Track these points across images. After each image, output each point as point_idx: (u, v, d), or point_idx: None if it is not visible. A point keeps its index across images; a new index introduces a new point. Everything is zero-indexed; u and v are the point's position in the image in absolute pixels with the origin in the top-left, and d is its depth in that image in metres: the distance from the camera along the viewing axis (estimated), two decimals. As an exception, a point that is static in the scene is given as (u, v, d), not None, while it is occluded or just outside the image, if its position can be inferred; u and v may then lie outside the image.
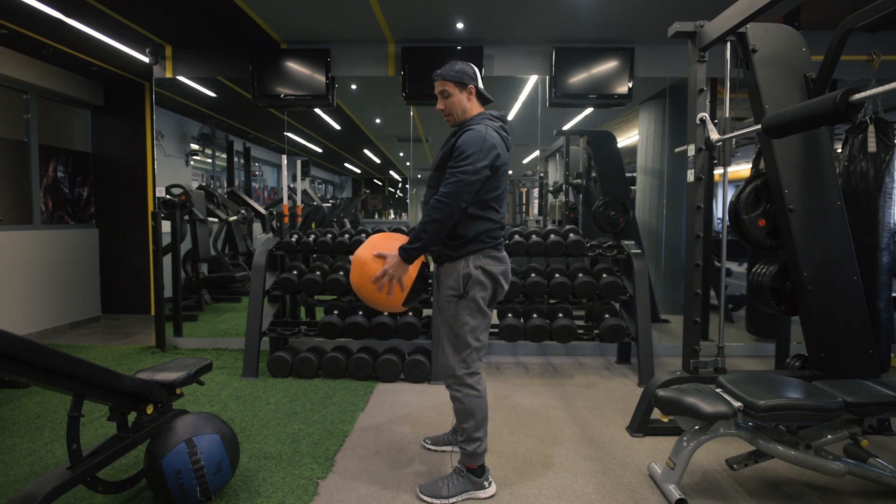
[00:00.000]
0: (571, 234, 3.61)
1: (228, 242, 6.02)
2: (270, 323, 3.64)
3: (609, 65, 3.97)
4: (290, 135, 4.81)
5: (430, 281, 2.10)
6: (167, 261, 4.30)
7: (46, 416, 2.77)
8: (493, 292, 1.98)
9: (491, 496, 2.00)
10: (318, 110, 4.95)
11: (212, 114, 5.64)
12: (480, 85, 2.02)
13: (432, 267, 2.18)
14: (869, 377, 2.14)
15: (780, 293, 2.54)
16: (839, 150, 2.64)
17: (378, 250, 1.92)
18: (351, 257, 2.00)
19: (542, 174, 6.25)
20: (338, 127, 6.48)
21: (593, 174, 4.95)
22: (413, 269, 1.93)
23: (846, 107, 1.70)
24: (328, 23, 3.78)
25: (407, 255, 1.87)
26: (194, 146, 5.82)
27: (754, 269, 2.65)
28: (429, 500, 1.96)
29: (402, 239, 1.96)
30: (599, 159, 4.95)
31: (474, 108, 2.03)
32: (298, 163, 6.23)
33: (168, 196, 4.40)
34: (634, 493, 2.04)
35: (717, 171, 2.77)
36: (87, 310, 5.09)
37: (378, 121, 6.45)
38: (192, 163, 5.79)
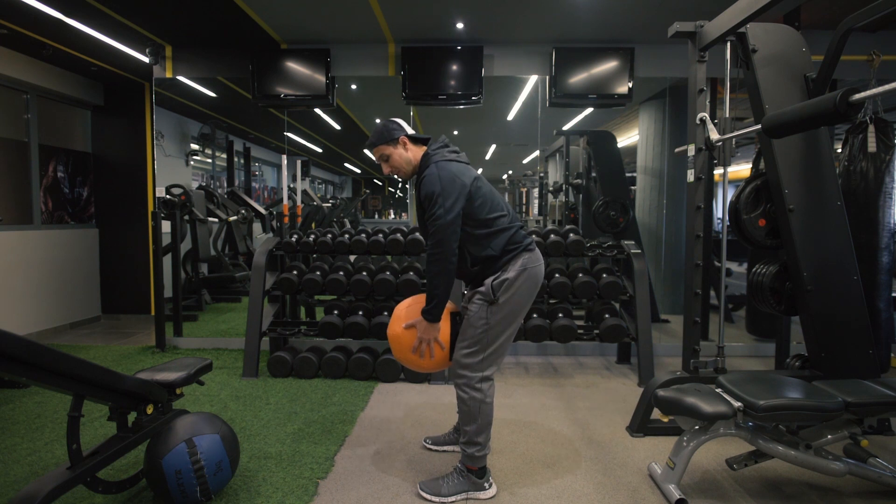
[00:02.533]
0: (571, 234, 3.60)
1: (228, 242, 6.02)
2: (270, 323, 3.64)
3: (609, 65, 3.97)
4: (290, 135, 4.81)
5: None
6: (167, 261, 4.30)
7: (46, 416, 2.77)
8: (530, 292, 1.97)
9: (491, 497, 2.00)
10: (318, 110, 4.94)
11: (212, 114, 5.64)
12: (410, 131, 2.05)
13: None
14: (869, 377, 2.14)
15: (780, 293, 2.54)
16: (839, 150, 2.64)
17: (406, 321, 1.99)
18: (387, 334, 2.08)
19: (542, 174, 6.25)
20: (338, 127, 6.48)
21: (593, 174, 4.95)
22: (444, 325, 1.98)
23: (846, 107, 1.70)
24: (328, 23, 3.78)
25: (431, 316, 1.91)
26: (194, 146, 5.82)
27: (754, 269, 2.65)
28: (428, 497, 1.96)
29: (422, 301, 1.98)
30: (599, 159, 4.95)
31: (416, 153, 2.04)
32: (298, 163, 6.23)
33: (168, 196, 4.40)
34: (634, 493, 2.04)
35: (717, 171, 2.77)
36: (87, 310, 5.09)
37: (378, 121, 6.45)
38: (192, 163, 5.79)
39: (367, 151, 2.08)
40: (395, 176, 2.08)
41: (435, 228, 1.84)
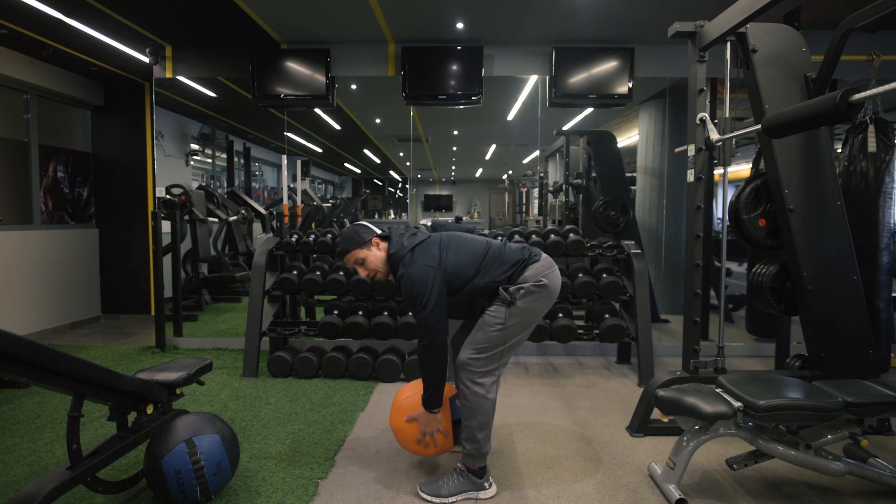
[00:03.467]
0: (571, 234, 3.61)
1: (228, 242, 6.02)
2: (270, 323, 3.64)
3: (609, 65, 3.98)
4: (290, 135, 4.80)
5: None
6: (167, 261, 4.30)
7: (46, 416, 2.77)
8: (548, 299, 1.99)
9: (491, 497, 2.00)
10: (318, 110, 4.94)
11: (212, 114, 5.64)
12: (378, 230, 2.08)
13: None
14: (869, 377, 2.14)
15: (780, 293, 2.54)
16: (839, 150, 2.64)
17: (406, 415, 2.05)
18: (389, 425, 2.18)
19: (542, 174, 6.26)
20: (338, 127, 6.48)
21: (593, 174, 4.95)
22: (444, 413, 2.03)
23: (846, 107, 1.70)
24: (328, 23, 3.78)
25: (429, 404, 1.96)
26: (194, 146, 5.82)
27: (754, 269, 2.65)
28: (429, 498, 1.96)
29: (419, 388, 2.03)
30: (599, 159, 4.95)
31: (385, 251, 2.05)
32: (298, 163, 6.23)
33: (168, 196, 4.40)
34: (634, 493, 2.04)
35: (717, 171, 2.77)
36: (87, 310, 5.09)
37: (378, 121, 6.46)
38: (192, 163, 5.79)
39: (341, 257, 2.10)
40: (374, 279, 2.09)
41: (421, 325, 1.88)
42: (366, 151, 8.94)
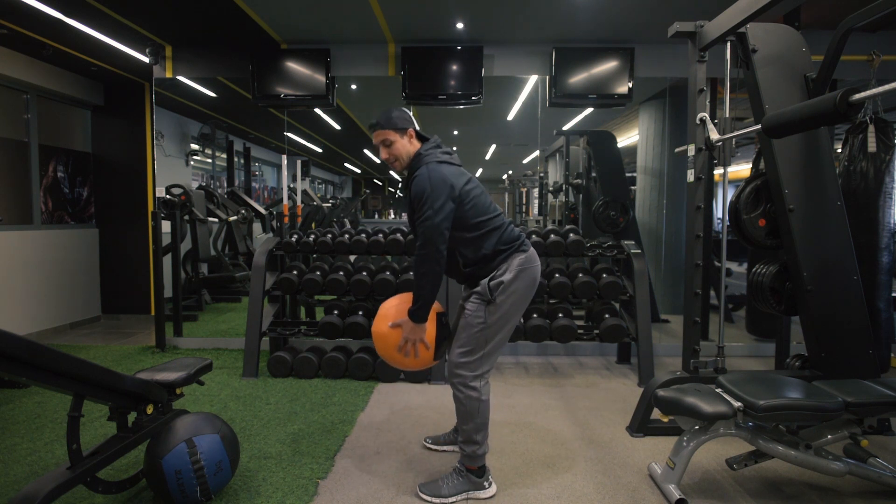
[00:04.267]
0: (571, 234, 3.60)
1: (228, 242, 6.02)
2: (270, 323, 3.64)
3: (609, 65, 3.97)
4: (290, 135, 4.81)
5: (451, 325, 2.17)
6: (167, 261, 4.30)
7: (46, 416, 2.77)
8: (526, 294, 1.98)
9: (491, 496, 2.00)
10: (318, 110, 4.95)
11: (212, 114, 5.64)
12: (417, 127, 2.05)
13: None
14: (869, 377, 2.14)
15: (780, 293, 2.54)
16: (839, 150, 2.64)
17: (392, 321, 1.98)
18: (372, 331, 2.08)
19: (542, 174, 6.26)
20: (338, 127, 6.48)
21: (593, 174, 4.95)
22: (430, 325, 1.98)
23: (846, 107, 1.70)
24: (328, 23, 3.78)
25: (417, 316, 1.92)
26: (194, 146, 5.82)
27: (754, 269, 2.65)
28: (428, 499, 1.96)
29: (408, 300, 1.99)
30: (599, 159, 4.95)
31: (415, 148, 2.04)
32: (298, 163, 6.24)
33: (168, 196, 4.40)
34: (634, 493, 2.04)
35: (717, 171, 2.77)
36: (87, 310, 5.09)
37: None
38: (192, 163, 5.79)
39: (369, 130, 2.06)
40: (389, 164, 2.05)
41: (423, 229, 1.84)
42: (366, 151, 8.95)
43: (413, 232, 2.00)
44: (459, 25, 3.79)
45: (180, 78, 4.32)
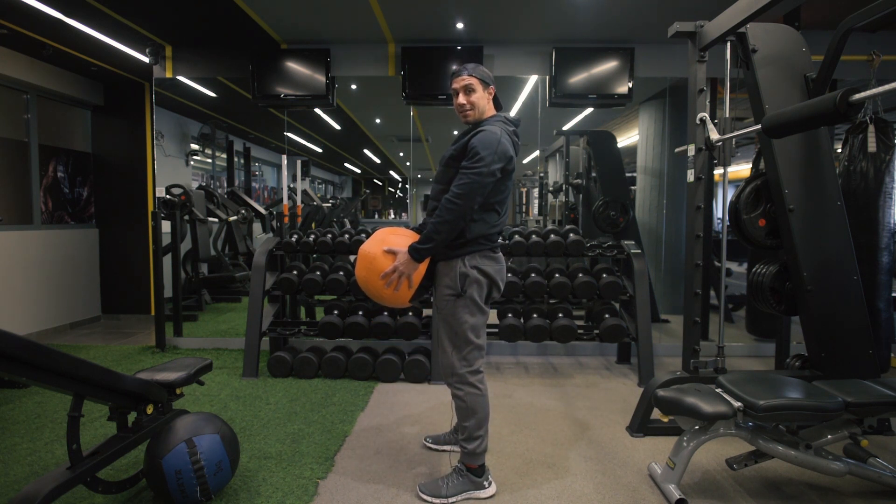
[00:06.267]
0: (571, 234, 3.60)
1: (228, 242, 6.02)
2: (270, 323, 3.64)
3: (609, 65, 3.97)
4: (290, 135, 4.81)
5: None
6: (167, 261, 4.30)
7: (46, 416, 2.77)
8: (489, 290, 1.99)
9: (491, 496, 2.00)
10: (318, 110, 4.94)
11: (212, 114, 5.64)
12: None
13: None
14: (869, 377, 2.14)
15: (780, 293, 2.54)
16: (839, 150, 2.64)
17: (388, 245, 1.92)
18: (358, 250, 2.01)
19: (542, 174, 6.26)
20: (338, 127, 6.48)
21: (593, 174, 4.95)
22: (422, 267, 1.94)
23: (846, 107, 1.70)
24: (328, 23, 3.78)
25: (418, 254, 1.88)
26: (194, 146, 5.82)
27: (754, 269, 2.65)
28: (429, 499, 1.96)
29: (409, 235, 1.96)
30: (599, 159, 4.95)
31: (491, 109, 2.05)
32: (298, 163, 6.24)
33: (168, 196, 4.40)
34: (634, 493, 2.04)
35: (717, 171, 2.77)
36: (87, 310, 5.09)
37: (378, 121, 6.46)
38: (192, 163, 5.79)
39: (452, 76, 2.03)
40: (461, 111, 2.02)
41: (469, 180, 1.81)
42: (366, 151, 8.95)
43: (440, 177, 1.97)
44: (459, 25, 3.79)
45: (180, 78, 4.32)
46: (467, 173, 1.82)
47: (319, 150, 8.11)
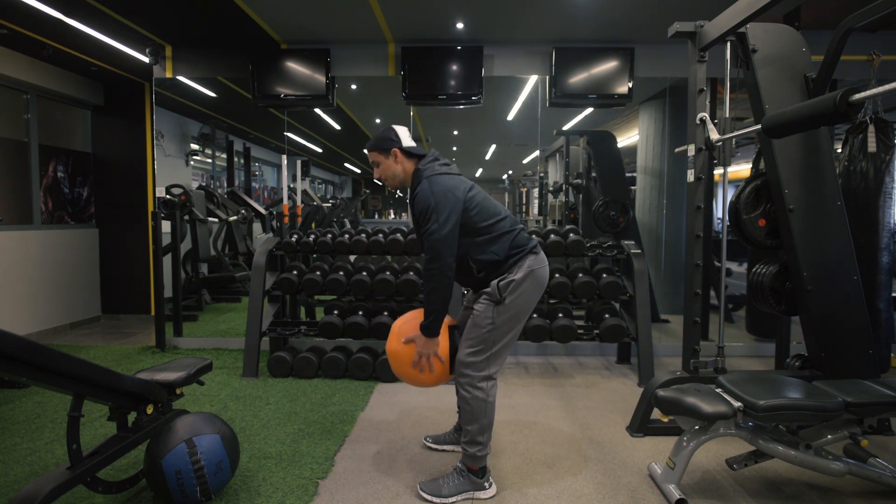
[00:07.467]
0: (571, 234, 3.60)
1: (228, 242, 6.02)
2: (270, 323, 3.64)
3: (609, 65, 3.97)
4: (290, 135, 4.81)
5: None
6: (167, 261, 4.30)
7: (46, 416, 2.77)
8: (534, 294, 1.98)
9: (491, 497, 2.00)
10: (318, 110, 4.95)
11: (212, 114, 5.64)
12: (405, 143, 2.04)
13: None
14: (869, 377, 2.14)
15: (780, 293, 2.54)
16: (839, 150, 2.64)
17: (404, 336, 2.00)
18: (385, 350, 2.11)
19: (542, 174, 6.26)
20: (338, 127, 6.48)
21: (593, 174, 4.95)
22: (443, 339, 1.99)
23: (846, 107, 1.69)
24: (328, 23, 3.78)
25: (428, 331, 1.92)
26: (194, 146, 5.82)
27: (754, 269, 2.65)
28: (429, 498, 1.96)
29: (420, 316, 1.99)
30: (599, 159, 4.95)
31: (408, 167, 2.05)
32: (298, 163, 6.24)
33: (168, 196, 4.40)
34: (634, 493, 2.04)
35: (717, 171, 2.77)
36: (87, 310, 5.09)
37: (378, 121, 6.46)
38: (192, 163, 5.79)
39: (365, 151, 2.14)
40: (383, 182, 2.10)
41: (430, 243, 1.85)
42: (366, 151, 8.93)
43: (420, 246, 2.00)
44: (459, 25, 3.79)
45: (180, 78, 4.32)
46: (428, 238, 1.86)
47: (319, 150, 8.11)
